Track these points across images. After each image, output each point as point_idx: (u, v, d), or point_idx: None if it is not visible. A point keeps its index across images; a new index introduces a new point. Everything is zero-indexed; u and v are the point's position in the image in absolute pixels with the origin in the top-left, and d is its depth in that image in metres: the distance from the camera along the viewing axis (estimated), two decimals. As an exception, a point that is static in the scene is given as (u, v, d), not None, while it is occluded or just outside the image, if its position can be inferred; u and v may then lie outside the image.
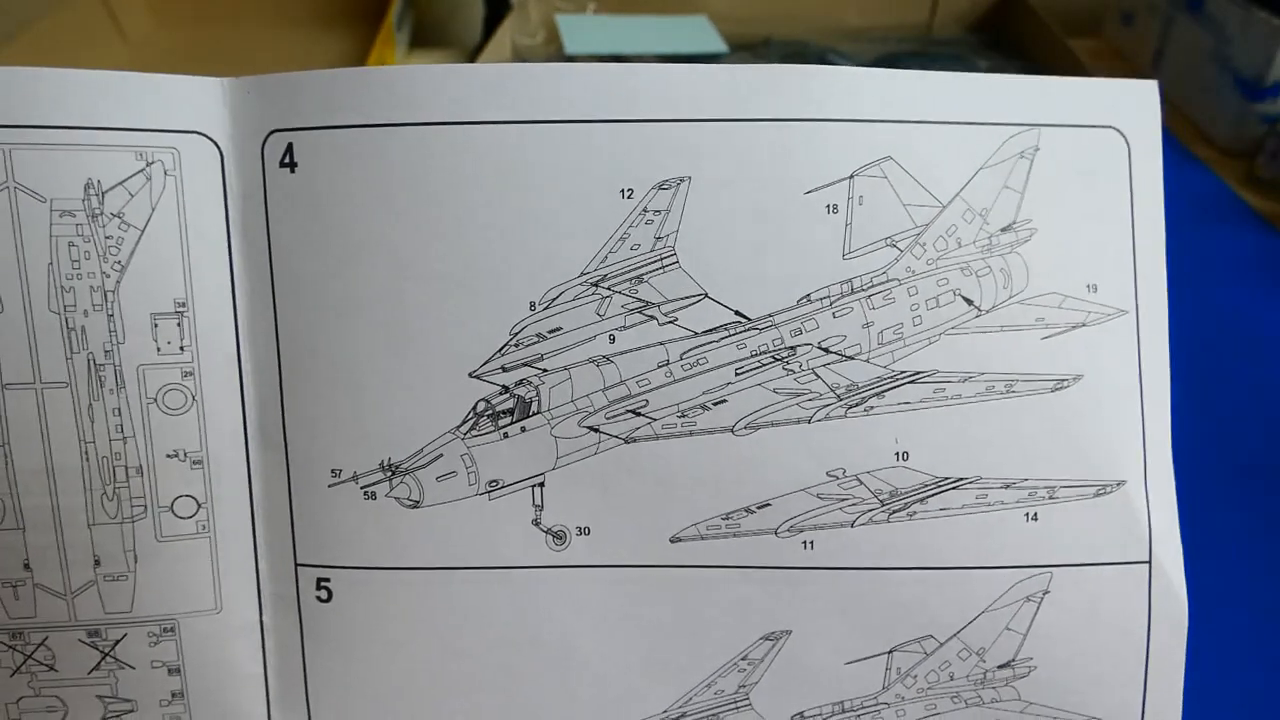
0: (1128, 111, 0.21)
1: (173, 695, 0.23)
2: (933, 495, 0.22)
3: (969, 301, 0.22)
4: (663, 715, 0.23)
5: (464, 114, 0.21)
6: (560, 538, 0.22)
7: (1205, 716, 0.23)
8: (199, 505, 0.22)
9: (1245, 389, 0.23)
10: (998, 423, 0.22)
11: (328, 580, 0.23)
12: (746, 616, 0.23)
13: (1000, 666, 0.23)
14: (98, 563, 0.22)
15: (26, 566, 0.22)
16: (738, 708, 0.23)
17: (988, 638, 0.22)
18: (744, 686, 0.23)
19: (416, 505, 0.22)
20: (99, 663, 0.23)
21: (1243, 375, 0.22)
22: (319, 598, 0.23)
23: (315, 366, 0.22)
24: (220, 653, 0.23)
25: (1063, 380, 0.22)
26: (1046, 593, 0.22)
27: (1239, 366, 0.30)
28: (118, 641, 0.23)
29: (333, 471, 0.22)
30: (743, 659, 0.23)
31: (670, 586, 0.22)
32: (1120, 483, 0.22)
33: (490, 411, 0.22)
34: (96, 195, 0.21)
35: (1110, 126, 0.21)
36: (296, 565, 0.23)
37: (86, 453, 0.22)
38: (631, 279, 0.21)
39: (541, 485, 0.22)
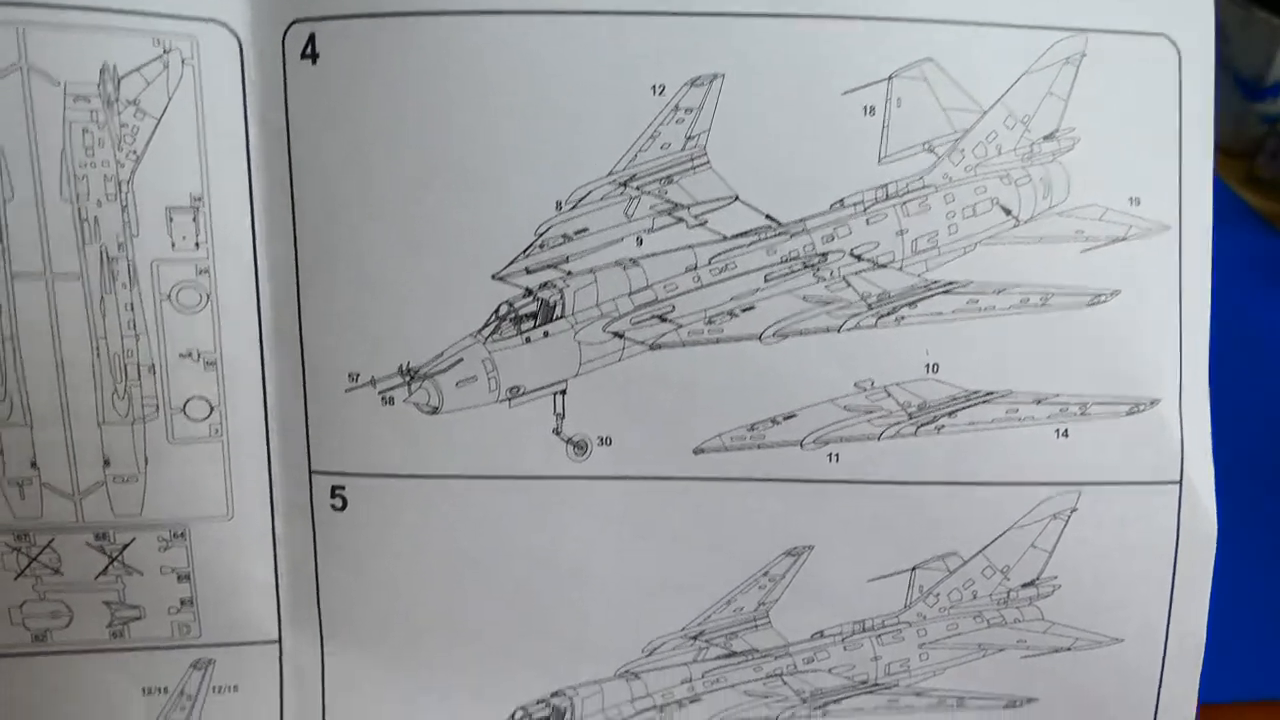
0: (1180, 19, 0.21)
1: (181, 603, 0.23)
2: (962, 409, 0.21)
3: (1007, 211, 0.21)
4: (680, 633, 0.23)
5: (491, 4, 0.20)
6: (581, 448, 0.22)
7: (1229, 638, 0.23)
8: (212, 408, 0.22)
9: (1245, 389, 0.23)
10: (1031, 336, 0.21)
11: (342, 488, 0.22)
12: (768, 531, 0.22)
13: (1024, 585, 0.22)
14: (107, 463, 0.22)
15: (34, 465, 0.21)
16: (757, 626, 0.23)
17: (1013, 555, 0.22)
18: (764, 604, 0.23)
19: (435, 411, 0.22)
20: (106, 567, 0.22)
21: (1243, 375, 0.22)
22: (333, 506, 0.23)
23: (333, 266, 0.21)
24: (231, 560, 0.23)
25: (1100, 295, 0.21)
26: (1074, 511, 0.22)
27: (1239, 366, 0.30)
28: (126, 546, 0.22)
29: (350, 376, 0.22)
30: (764, 575, 0.23)
31: (692, 499, 0.22)
32: (1154, 401, 0.22)
33: (512, 315, 0.21)
34: (112, 81, 0.20)
35: (1161, 34, 0.21)
36: (311, 473, 0.22)
37: (98, 349, 0.21)
38: (661, 179, 0.21)
39: (563, 393, 0.22)
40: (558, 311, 0.21)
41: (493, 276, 0.21)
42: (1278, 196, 0.52)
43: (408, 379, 0.22)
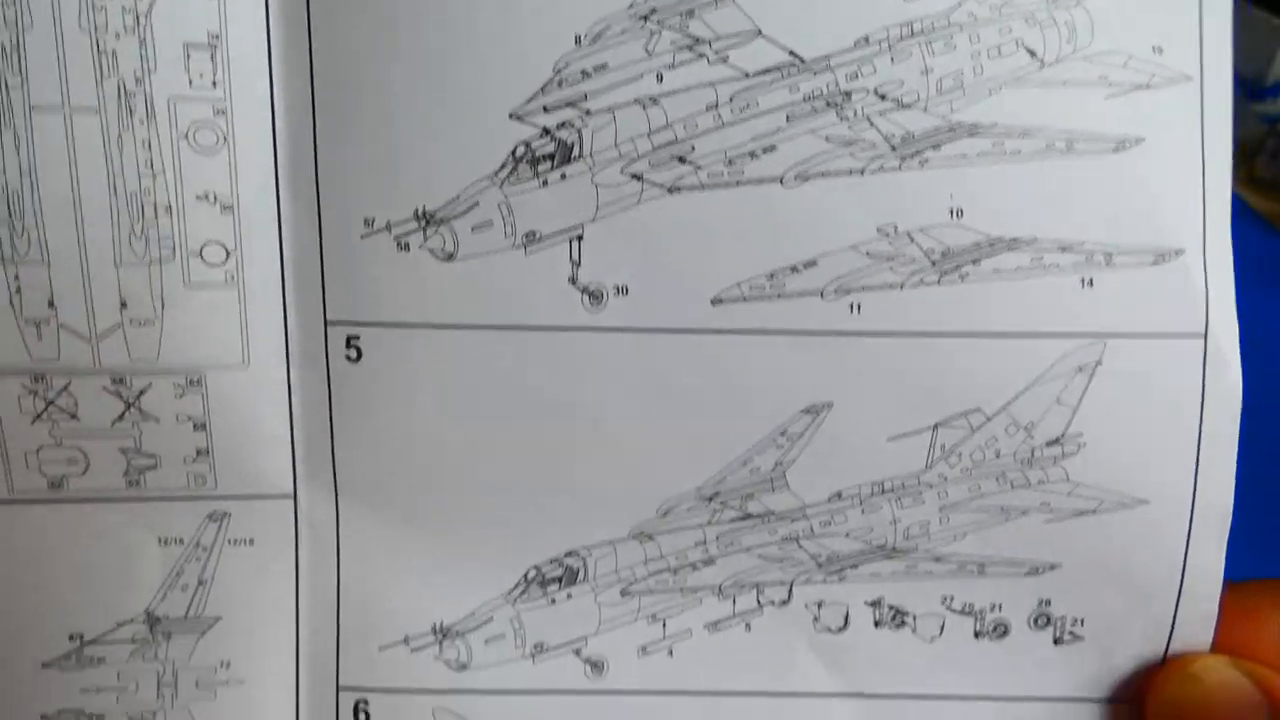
0: None
1: (197, 453, 0.23)
2: (986, 256, 0.21)
3: (1031, 53, 0.21)
4: (695, 493, 0.23)
5: None
6: (597, 297, 0.22)
7: (1257, 500, 0.22)
8: (228, 253, 0.22)
9: (1245, 389, 0.22)
10: (1056, 182, 0.21)
11: (357, 338, 0.22)
12: (787, 387, 0.22)
13: (1049, 444, 0.22)
14: (124, 305, 0.22)
15: (51, 305, 0.21)
16: (773, 487, 0.23)
17: (1037, 411, 0.22)
18: (781, 464, 0.23)
19: (450, 258, 0.22)
20: (123, 413, 0.22)
21: (1243, 375, 0.22)
22: (348, 357, 0.22)
23: (350, 109, 0.21)
24: (247, 411, 0.23)
25: (1124, 142, 0.21)
26: (1099, 364, 0.21)
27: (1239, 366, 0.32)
28: (143, 392, 0.22)
29: (365, 221, 0.22)
30: (781, 434, 0.22)
31: (709, 353, 0.22)
32: (1178, 251, 0.21)
33: (529, 156, 0.21)
34: (129, -90, 0.20)
35: None
36: (326, 323, 0.22)
37: (114, 186, 0.21)
38: (682, 13, 0.20)
39: (580, 239, 0.21)
40: (575, 152, 0.21)
41: (510, 115, 0.21)
42: (1278, 196, 0.51)
43: (423, 224, 0.21)
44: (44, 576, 0.23)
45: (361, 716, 0.24)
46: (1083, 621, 0.23)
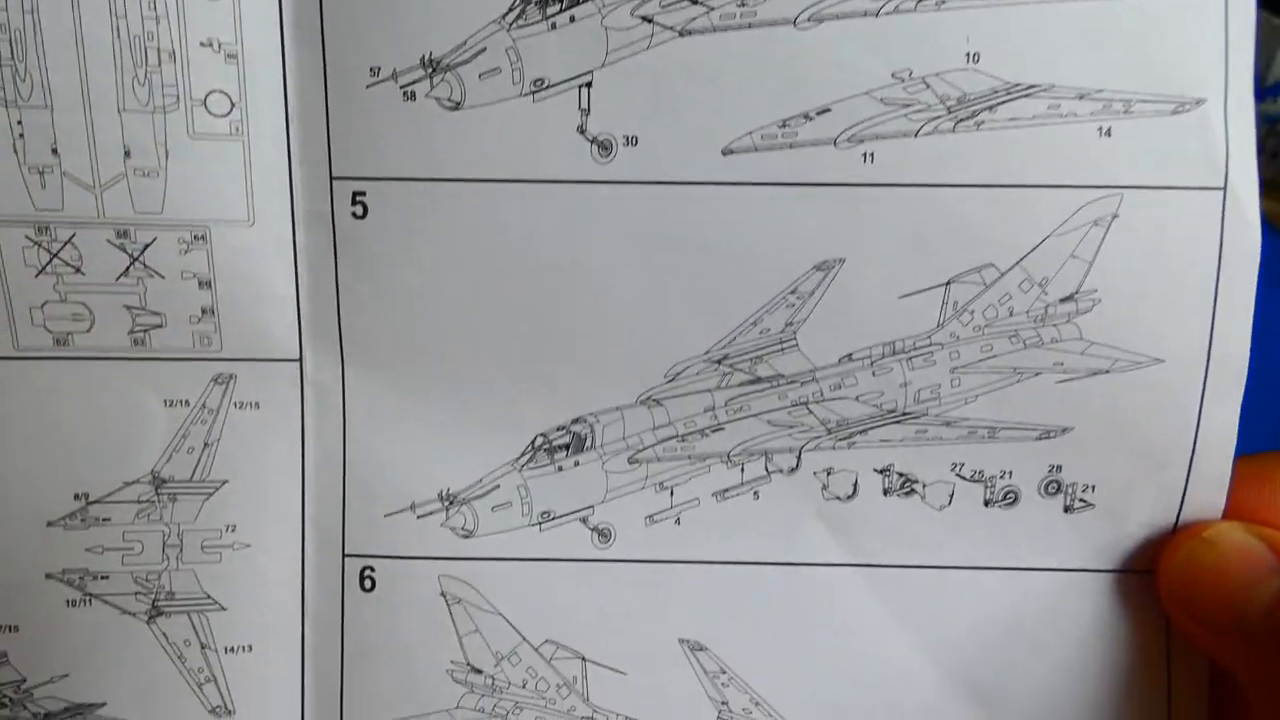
0: None
1: (203, 312, 0.22)
2: (1003, 102, 0.21)
3: (1052, -107, 0.20)
4: (704, 356, 0.23)
5: None
6: (606, 148, 0.21)
7: (1273, 361, 0.22)
8: (233, 104, 0.22)
9: (1245, 389, 0.22)
10: (1075, 26, 0.20)
11: (363, 194, 0.22)
12: (799, 242, 0.22)
13: (1063, 300, 0.22)
14: (128, 154, 0.21)
15: (54, 152, 0.21)
16: (783, 349, 0.23)
17: (1052, 266, 0.21)
18: (791, 324, 0.22)
19: (457, 107, 0.21)
20: (127, 268, 0.22)
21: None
22: (354, 214, 0.22)
23: (356, -46, 0.21)
24: (252, 269, 0.22)
25: (1146, -14, 0.20)
26: (1116, 216, 0.21)
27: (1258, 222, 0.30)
28: (147, 246, 0.22)
29: (371, 70, 0.21)
30: (792, 292, 0.22)
31: (720, 206, 0.21)
32: (1199, 101, 0.21)
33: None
34: None
35: None
36: (331, 178, 0.22)
37: (118, 28, 0.21)
38: None
39: (589, 85, 0.21)
40: (584, -6, 0.21)
41: (518, -44, 0.20)
42: (1278, 196, 0.51)
43: (429, 71, 0.21)
44: (49, 435, 0.23)
45: (367, 583, 0.24)
46: (1093, 488, 0.23)
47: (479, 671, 0.24)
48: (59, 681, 0.23)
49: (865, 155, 0.21)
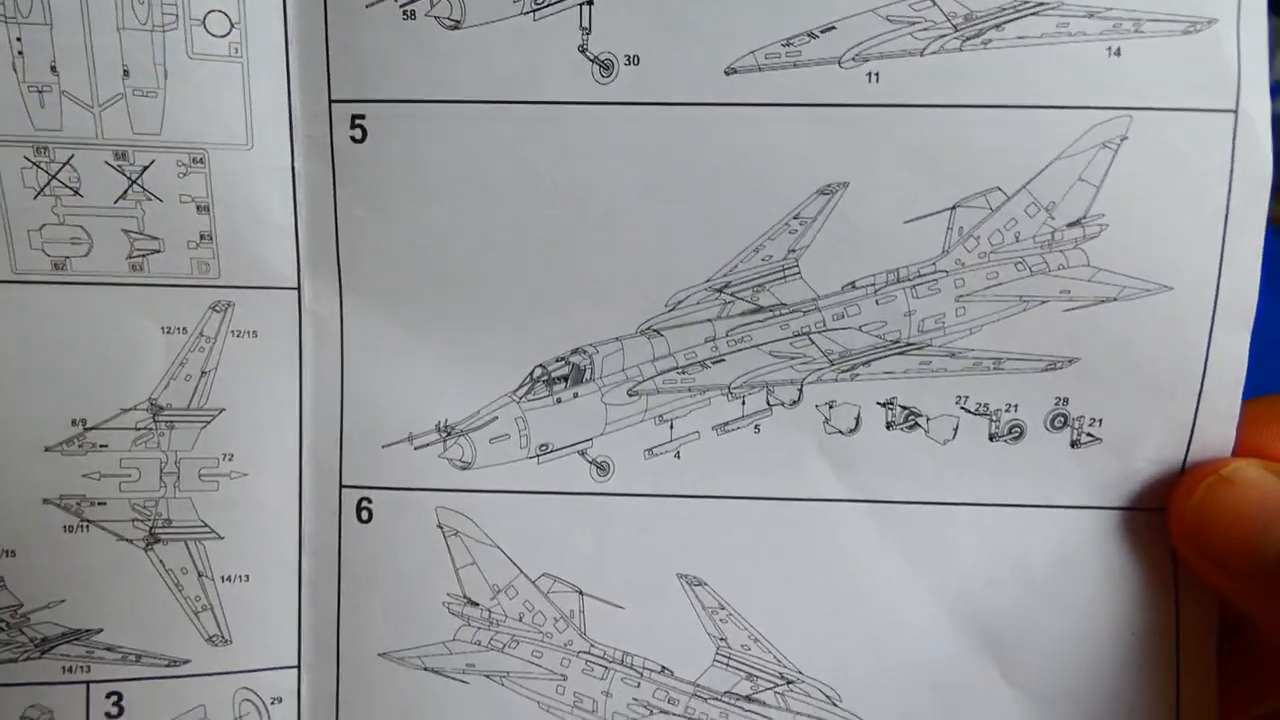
0: None
1: (201, 236, 0.22)
2: (1011, 20, 0.20)
3: None
4: (705, 285, 0.22)
5: None
6: (607, 68, 0.21)
7: (1274, 363, 0.22)
8: (232, 24, 0.21)
9: (1245, 390, 0.22)
10: (1085, -57, 0.20)
11: (362, 118, 0.22)
12: (802, 164, 0.21)
13: (1070, 225, 0.21)
14: (126, 74, 0.21)
15: (53, 70, 0.21)
16: (785, 276, 0.22)
17: (1059, 190, 0.21)
18: (793, 251, 0.22)
19: (457, 25, 0.21)
20: (126, 190, 0.22)
21: (1243, 374, 0.22)
22: (353, 138, 0.22)
23: None
24: (250, 194, 0.22)
25: (1158, -97, 0.20)
26: (1124, 138, 0.21)
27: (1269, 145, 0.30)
28: (146, 168, 0.22)
29: (371, -10, 0.21)
30: (794, 218, 0.22)
31: (723, 127, 0.21)
32: (1211, 21, 0.20)
33: (539, -85, 0.20)
34: None
35: None
36: (330, 101, 0.22)
37: (116, -55, 0.21)
38: None
39: (590, 3, 0.21)
40: (585, -90, 0.20)
41: None
42: (1278, 196, 0.50)
43: (430, -10, 0.21)
44: (47, 360, 0.22)
45: (364, 514, 0.23)
46: (1101, 422, 0.22)
47: (475, 604, 0.24)
48: (56, 607, 0.23)
49: (870, 75, 0.21)
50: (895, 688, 0.23)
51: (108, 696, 0.23)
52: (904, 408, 0.23)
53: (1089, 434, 0.23)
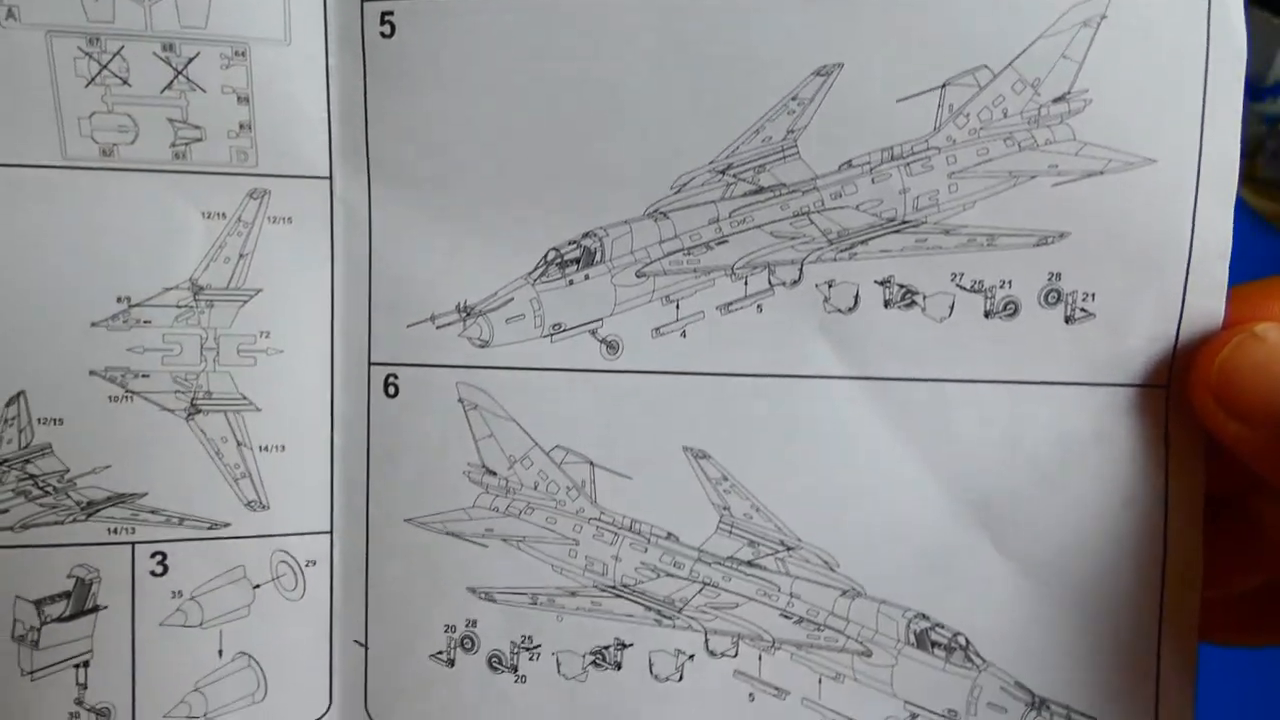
0: None
1: (240, 127, 0.24)
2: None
3: None
4: (709, 166, 0.24)
5: None
6: (616, -42, 0.23)
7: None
8: (269, -76, 0.23)
9: None
10: None
11: (391, 14, 0.23)
12: (798, 47, 0.23)
13: (1055, 100, 0.22)
14: (172, -33, 0.23)
15: (106, -36, 0.23)
16: (785, 157, 0.23)
17: (1043, 67, 0.22)
18: (792, 132, 0.23)
19: (477, -79, 0.23)
20: (171, 81, 0.24)
21: None
22: (382, 33, 0.24)
23: None
24: (287, 87, 0.24)
25: None
26: (1104, 18, 0.22)
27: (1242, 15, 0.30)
28: (191, 60, 0.24)
29: (397, -110, 0.23)
30: (792, 99, 0.23)
31: (722, 13, 0.22)
32: None
33: None
34: None
35: None
36: (362, 0, 0.24)
37: None
38: None
39: (599, -103, 0.22)
40: None
41: None
42: (1278, 196, 0.50)
43: (451, -114, 0.22)
44: (94, 242, 0.24)
45: (391, 389, 0.25)
46: (1093, 297, 0.23)
47: (493, 473, 0.25)
48: (101, 472, 0.24)
49: (862, -42, 0.22)
50: (891, 556, 0.24)
51: (152, 556, 0.25)
52: (901, 286, 0.24)
53: (1082, 309, 0.23)
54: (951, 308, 0.24)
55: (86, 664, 0.24)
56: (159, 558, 0.25)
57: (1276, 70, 0.46)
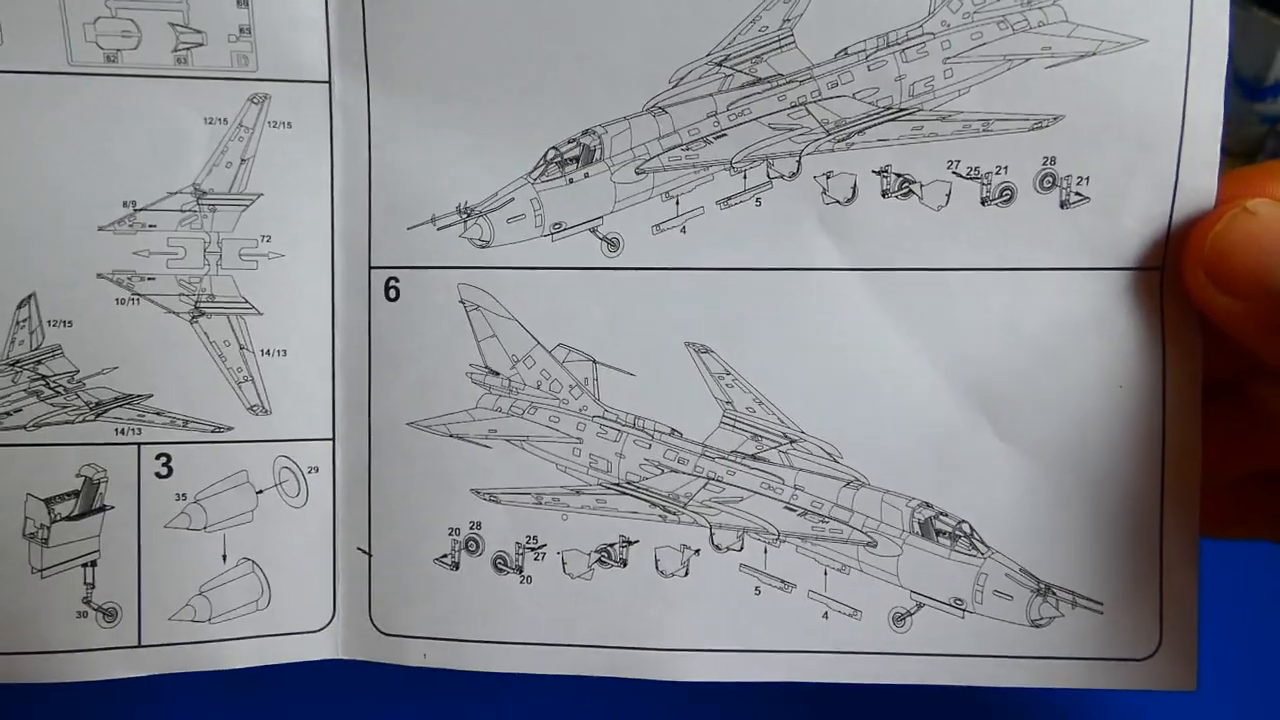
0: None
1: (240, 30, 0.24)
2: None
3: None
4: (706, 59, 0.24)
5: None
6: None
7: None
8: None
9: None
10: None
11: (386, -88, 0.24)
12: (792, -63, 0.23)
13: (1047, -22, 0.23)
14: (172, -128, 0.23)
15: None
16: (781, 46, 0.24)
17: (1035, -55, 0.22)
18: (788, 20, 0.23)
19: None
20: (171, -19, 0.24)
21: None
22: None
23: None
24: (284, -13, 0.24)
25: None
26: (1097, -108, 0.22)
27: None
28: (189, -40, 0.24)
29: None
30: (787, -12, 0.23)
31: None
32: None
33: None
34: None
35: None
36: (357, -102, 0.24)
37: None
38: None
39: None
40: None
41: None
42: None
43: None
44: (99, 147, 0.24)
45: (391, 293, 0.25)
46: (1087, 180, 0.23)
47: (496, 374, 0.25)
48: (109, 373, 0.25)
49: None
50: (893, 445, 0.25)
51: (157, 458, 0.25)
52: (898, 175, 0.24)
53: (1077, 193, 0.24)
54: (948, 196, 0.24)
55: (94, 564, 0.25)
56: (164, 459, 0.25)
57: (1276, 70, 0.47)
